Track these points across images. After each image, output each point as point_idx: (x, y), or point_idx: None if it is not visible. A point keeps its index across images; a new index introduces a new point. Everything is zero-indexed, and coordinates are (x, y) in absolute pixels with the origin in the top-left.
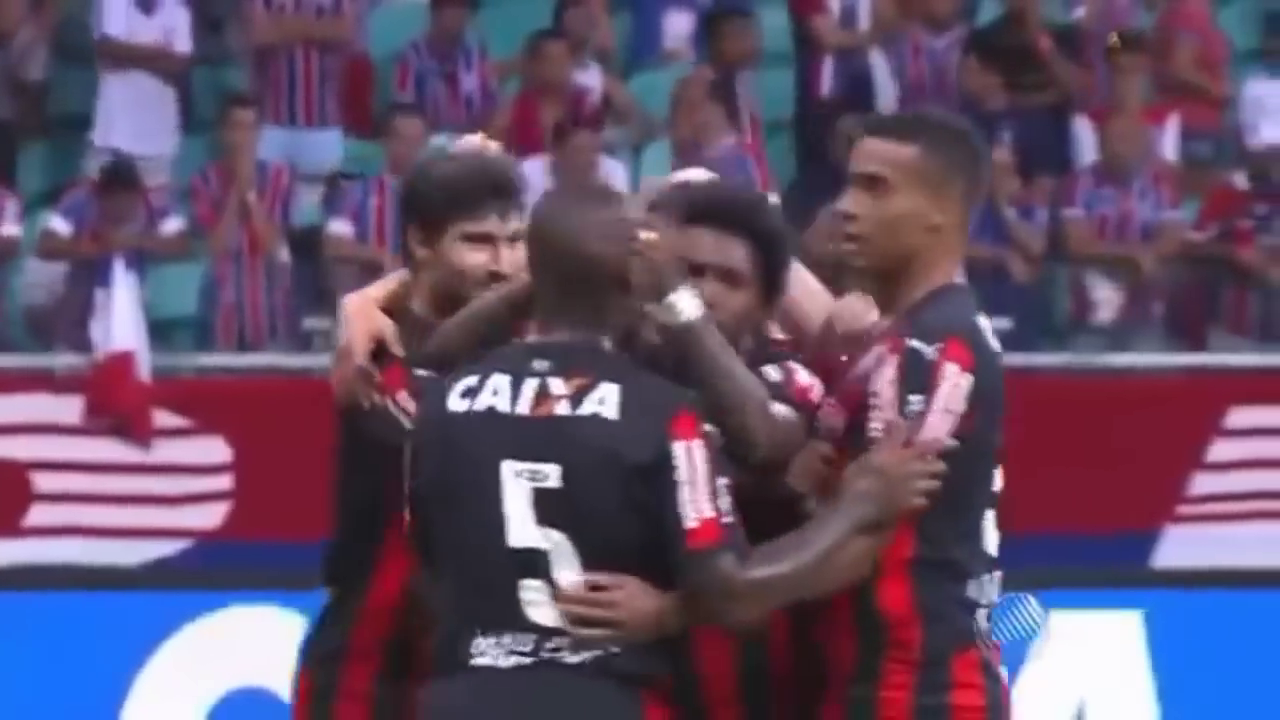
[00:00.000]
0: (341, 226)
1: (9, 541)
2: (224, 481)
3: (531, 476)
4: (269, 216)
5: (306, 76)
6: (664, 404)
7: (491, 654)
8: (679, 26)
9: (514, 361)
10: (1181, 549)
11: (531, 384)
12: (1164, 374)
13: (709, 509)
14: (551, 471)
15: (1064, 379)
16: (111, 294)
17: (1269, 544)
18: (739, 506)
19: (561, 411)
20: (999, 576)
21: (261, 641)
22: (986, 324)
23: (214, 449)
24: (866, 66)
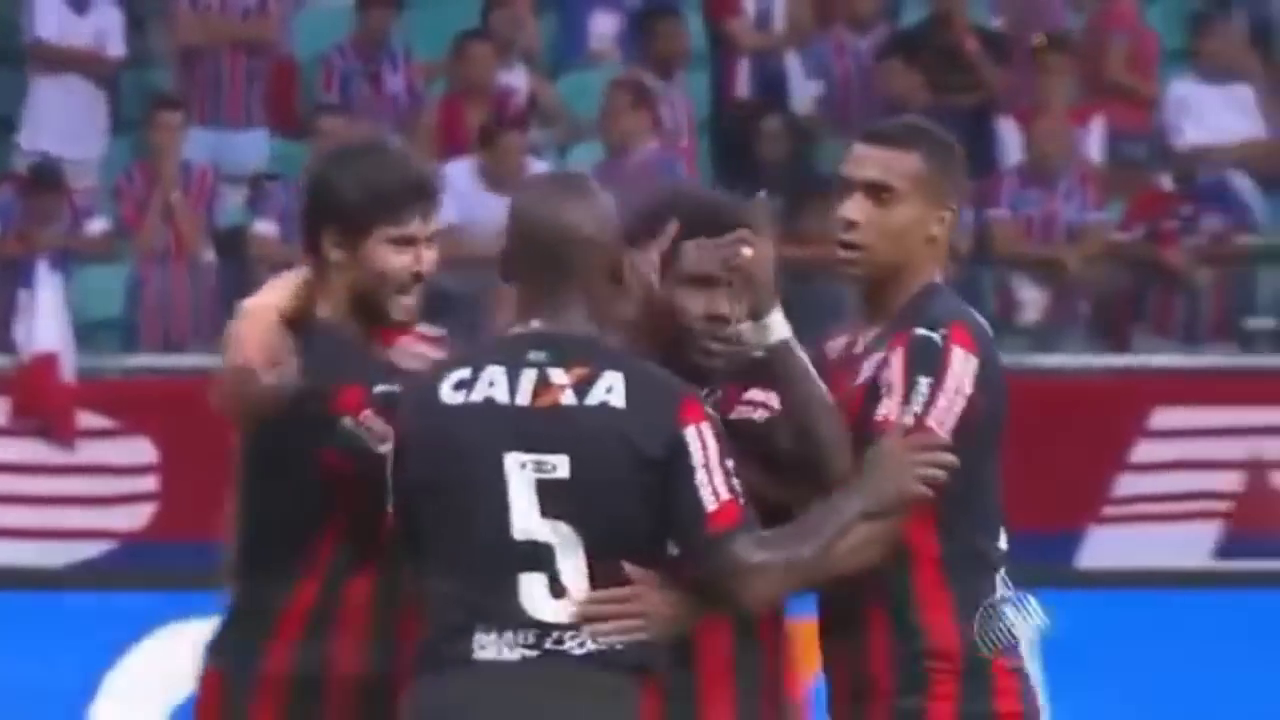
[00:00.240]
0: (266, 227)
1: None
2: (149, 483)
3: (538, 468)
4: (194, 217)
5: (232, 77)
6: (670, 390)
7: (494, 648)
8: (605, 27)
9: (507, 352)
10: (1106, 550)
11: (530, 374)
12: (1089, 375)
13: (726, 491)
14: (560, 462)
15: None
16: (36, 295)
17: (1193, 545)
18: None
19: (567, 401)
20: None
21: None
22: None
23: (139, 450)
24: (782, 68)
